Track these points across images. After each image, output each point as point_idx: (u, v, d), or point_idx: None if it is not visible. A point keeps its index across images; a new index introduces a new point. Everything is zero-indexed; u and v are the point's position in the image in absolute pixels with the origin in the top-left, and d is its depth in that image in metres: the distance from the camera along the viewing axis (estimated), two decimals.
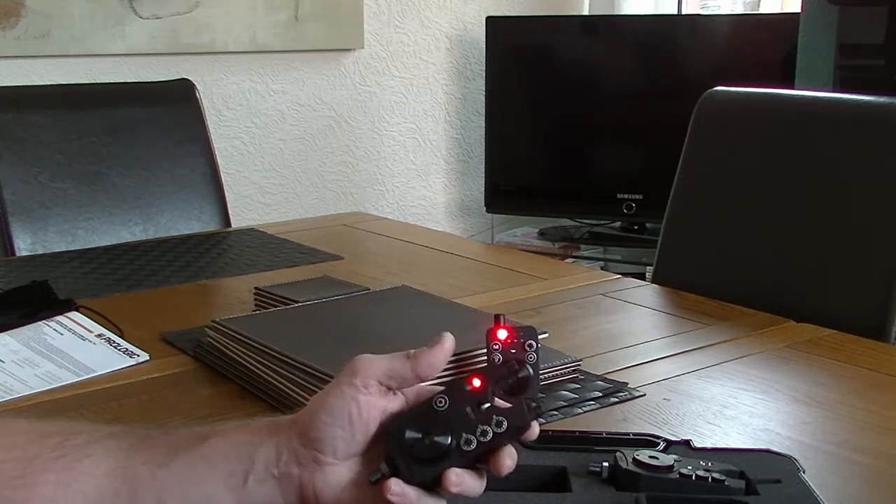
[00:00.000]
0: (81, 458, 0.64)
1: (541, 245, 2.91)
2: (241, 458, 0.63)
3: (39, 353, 1.09)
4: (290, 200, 2.76)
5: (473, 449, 0.61)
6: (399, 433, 0.62)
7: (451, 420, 0.62)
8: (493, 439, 0.61)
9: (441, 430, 0.62)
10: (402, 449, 0.62)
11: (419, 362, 0.65)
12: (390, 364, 0.65)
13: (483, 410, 0.63)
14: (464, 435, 0.62)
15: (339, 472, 0.64)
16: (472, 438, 0.61)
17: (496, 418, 0.62)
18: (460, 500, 0.63)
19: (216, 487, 0.63)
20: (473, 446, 0.61)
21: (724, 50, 2.77)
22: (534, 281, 1.43)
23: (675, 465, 0.68)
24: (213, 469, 0.63)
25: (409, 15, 2.87)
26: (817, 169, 1.43)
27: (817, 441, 0.89)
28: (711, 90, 1.58)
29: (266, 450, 0.64)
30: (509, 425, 0.61)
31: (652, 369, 1.08)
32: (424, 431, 0.62)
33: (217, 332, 1.06)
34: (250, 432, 0.65)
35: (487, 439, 0.61)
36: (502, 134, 2.91)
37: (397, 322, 1.06)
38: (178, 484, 0.63)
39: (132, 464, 0.64)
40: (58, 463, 0.63)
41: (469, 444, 0.61)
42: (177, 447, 0.64)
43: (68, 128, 1.82)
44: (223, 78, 2.60)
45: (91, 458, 0.64)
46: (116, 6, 2.37)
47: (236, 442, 0.64)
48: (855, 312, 1.30)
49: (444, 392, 0.64)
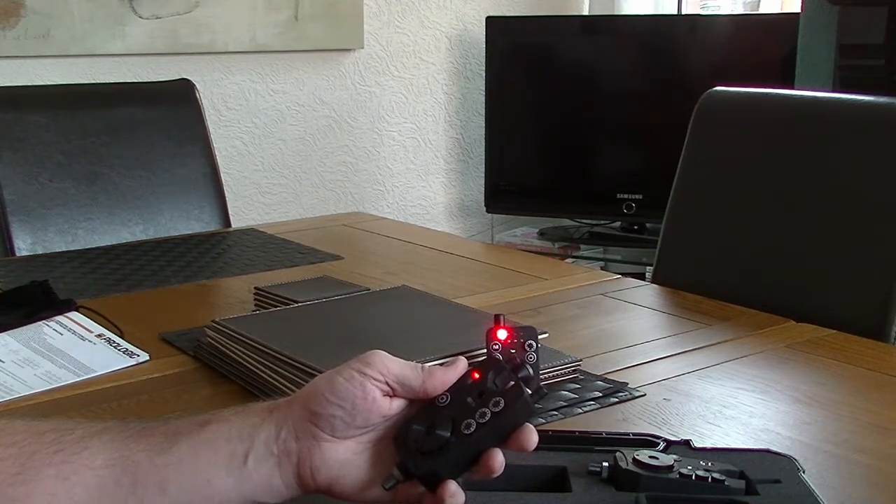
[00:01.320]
0: (79, 450, 0.64)
1: (541, 245, 2.91)
2: (243, 438, 0.64)
3: (39, 353, 1.09)
4: (290, 200, 2.76)
5: (473, 432, 0.63)
6: (405, 432, 0.64)
7: (452, 411, 0.64)
8: (493, 419, 0.63)
9: (443, 423, 0.63)
10: (408, 446, 0.63)
11: (433, 380, 0.66)
12: (403, 371, 0.66)
13: (482, 397, 0.64)
14: (464, 421, 0.63)
15: (336, 450, 0.64)
16: (471, 422, 0.63)
17: (493, 399, 0.64)
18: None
19: (217, 470, 0.63)
20: (473, 429, 0.63)
21: (724, 50, 2.77)
22: (534, 281, 1.43)
23: (675, 465, 0.68)
24: (215, 452, 0.64)
25: (409, 15, 2.88)
26: (817, 169, 1.43)
27: (817, 441, 0.89)
28: (711, 90, 1.58)
29: (266, 428, 0.64)
30: (506, 404, 0.63)
31: (652, 369, 1.08)
32: (429, 426, 0.63)
33: (217, 332, 1.06)
34: (250, 414, 0.66)
35: (486, 420, 0.63)
36: (502, 134, 2.91)
37: (397, 322, 1.06)
38: (179, 469, 0.63)
39: (131, 452, 0.64)
40: (56, 457, 0.64)
41: (469, 428, 0.63)
42: (176, 433, 0.65)
43: (68, 128, 1.82)
44: (223, 78, 2.60)
45: (89, 450, 0.64)
46: (116, 6, 2.37)
47: (237, 424, 0.65)
48: (855, 312, 1.30)
49: (446, 390, 0.66)
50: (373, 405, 0.64)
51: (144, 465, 0.63)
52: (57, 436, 0.65)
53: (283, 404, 0.66)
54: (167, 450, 0.64)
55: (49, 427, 0.66)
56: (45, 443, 0.64)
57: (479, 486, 0.65)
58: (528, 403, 0.64)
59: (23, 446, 0.64)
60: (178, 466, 0.63)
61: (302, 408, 0.64)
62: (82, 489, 0.63)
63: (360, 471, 0.64)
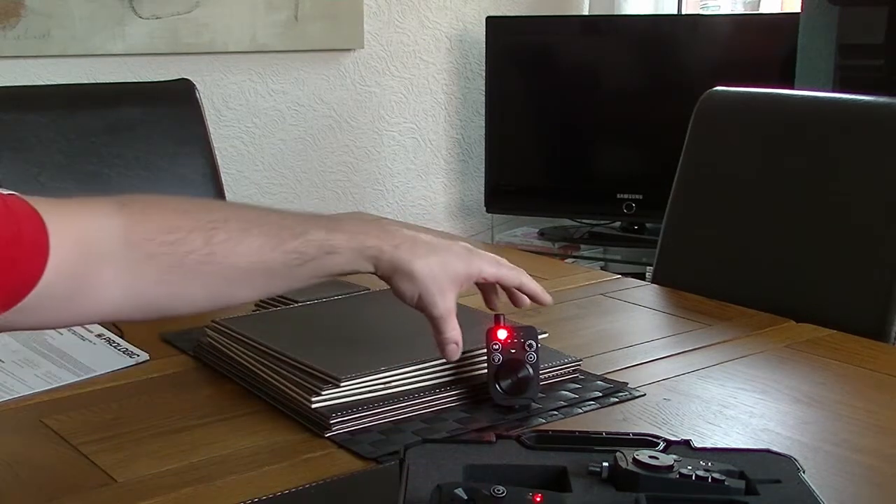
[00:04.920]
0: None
1: (541, 245, 2.91)
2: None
3: (39, 352, 1.09)
4: (290, 200, 2.76)
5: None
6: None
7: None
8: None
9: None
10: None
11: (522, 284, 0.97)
12: (501, 272, 0.95)
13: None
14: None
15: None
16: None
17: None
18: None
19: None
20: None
21: (724, 50, 2.77)
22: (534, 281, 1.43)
23: (675, 465, 0.68)
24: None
25: (409, 15, 2.87)
26: (817, 169, 1.43)
27: (817, 441, 0.89)
28: (711, 90, 1.58)
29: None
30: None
31: (652, 369, 1.08)
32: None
33: (217, 332, 1.07)
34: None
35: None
36: (502, 134, 2.91)
37: (397, 322, 1.06)
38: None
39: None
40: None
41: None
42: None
43: (68, 128, 1.81)
44: (223, 78, 2.60)
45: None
46: (116, 6, 2.37)
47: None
48: (855, 312, 1.30)
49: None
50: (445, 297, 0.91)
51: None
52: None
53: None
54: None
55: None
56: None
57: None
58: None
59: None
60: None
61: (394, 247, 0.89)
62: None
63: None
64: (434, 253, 0.89)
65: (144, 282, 0.77)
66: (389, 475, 0.73)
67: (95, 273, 0.74)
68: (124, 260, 0.75)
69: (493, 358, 0.95)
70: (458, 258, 0.91)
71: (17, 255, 0.68)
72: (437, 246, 0.90)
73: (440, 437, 0.87)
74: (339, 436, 0.89)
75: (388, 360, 0.95)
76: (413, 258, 0.88)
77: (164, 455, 0.87)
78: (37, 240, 0.70)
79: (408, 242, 0.88)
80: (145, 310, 0.79)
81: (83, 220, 0.75)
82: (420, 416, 0.94)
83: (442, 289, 0.89)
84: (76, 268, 0.73)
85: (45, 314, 0.74)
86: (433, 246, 0.90)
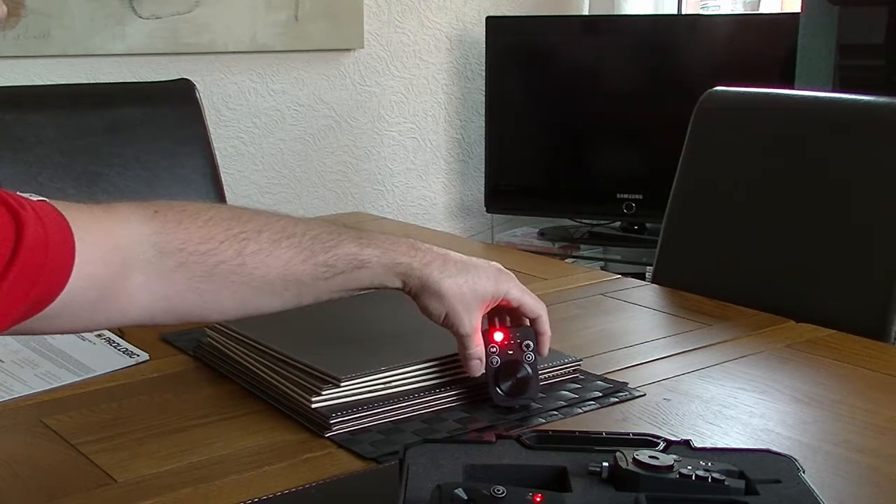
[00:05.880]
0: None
1: (541, 245, 2.91)
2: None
3: (39, 352, 1.09)
4: (290, 200, 2.76)
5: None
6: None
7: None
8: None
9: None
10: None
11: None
12: (524, 299, 0.96)
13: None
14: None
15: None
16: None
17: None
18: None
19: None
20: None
21: (724, 50, 2.77)
22: (534, 281, 1.43)
23: (675, 465, 0.68)
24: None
25: (409, 15, 2.87)
26: (817, 169, 1.43)
27: (817, 441, 0.89)
28: (711, 90, 1.58)
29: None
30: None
31: (652, 369, 1.08)
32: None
33: (217, 332, 1.07)
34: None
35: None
36: (502, 134, 2.91)
37: (397, 322, 1.06)
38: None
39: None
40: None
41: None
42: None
43: (68, 128, 1.81)
44: (223, 78, 2.60)
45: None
46: (116, 6, 2.37)
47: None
48: (855, 312, 1.30)
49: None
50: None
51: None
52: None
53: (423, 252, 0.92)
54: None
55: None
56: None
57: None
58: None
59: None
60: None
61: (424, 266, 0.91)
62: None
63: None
64: (464, 273, 0.90)
65: (174, 289, 0.77)
66: (389, 475, 0.73)
67: (124, 279, 0.75)
68: (155, 267, 0.76)
69: (491, 361, 0.95)
70: (487, 279, 0.92)
71: (43, 261, 0.68)
72: (467, 265, 0.91)
73: (440, 437, 0.87)
74: (340, 436, 0.89)
75: (388, 360, 0.95)
76: (443, 277, 0.89)
77: (164, 455, 0.87)
78: (64, 246, 0.70)
79: (438, 261, 0.89)
80: (173, 316, 0.80)
81: (113, 227, 0.75)
82: (420, 416, 0.94)
83: (469, 308, 0.90)
84: (104, 274, 0.73)
85: (72, 319, 0.74)
86: (463, 265, 0.91)
